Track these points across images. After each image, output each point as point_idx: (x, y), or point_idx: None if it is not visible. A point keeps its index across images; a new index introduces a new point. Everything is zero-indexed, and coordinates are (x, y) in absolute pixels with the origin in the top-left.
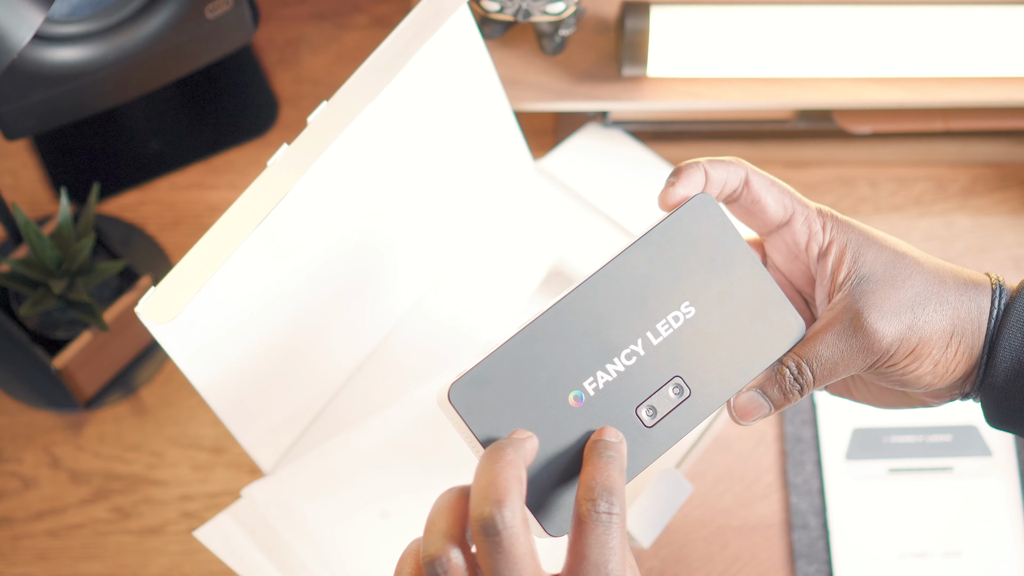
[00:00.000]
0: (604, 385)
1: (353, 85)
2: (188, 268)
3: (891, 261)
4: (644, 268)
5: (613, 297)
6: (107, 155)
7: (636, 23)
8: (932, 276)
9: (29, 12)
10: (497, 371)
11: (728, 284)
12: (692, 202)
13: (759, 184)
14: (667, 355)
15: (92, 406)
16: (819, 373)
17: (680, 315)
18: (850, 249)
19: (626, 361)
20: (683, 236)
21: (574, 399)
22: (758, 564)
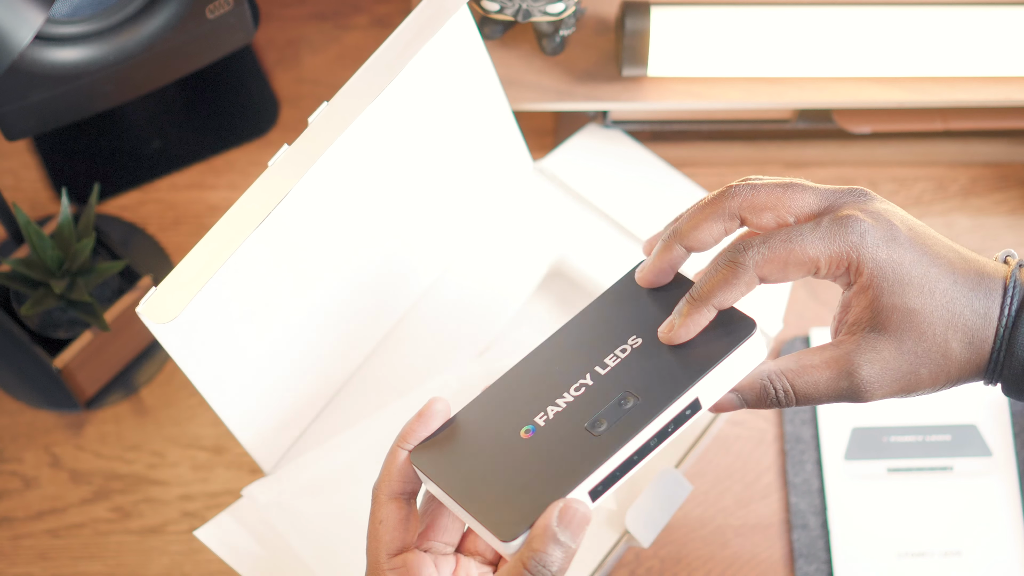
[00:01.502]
0: (554, 415)
1: (354, 85)
2: (189, 268)
3: (905, 315)
4: (591, 322)
5: (562, 351)
6: (107, 155)
7: (636, 23)
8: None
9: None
10: (453, 434)
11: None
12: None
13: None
14: (615, 379)
15: (93, 406)
16: (801, 400)
17: (628, 347)
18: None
19: (575, 392)
20: (628, 296)
21: (525, 432)
22: (758, 564)
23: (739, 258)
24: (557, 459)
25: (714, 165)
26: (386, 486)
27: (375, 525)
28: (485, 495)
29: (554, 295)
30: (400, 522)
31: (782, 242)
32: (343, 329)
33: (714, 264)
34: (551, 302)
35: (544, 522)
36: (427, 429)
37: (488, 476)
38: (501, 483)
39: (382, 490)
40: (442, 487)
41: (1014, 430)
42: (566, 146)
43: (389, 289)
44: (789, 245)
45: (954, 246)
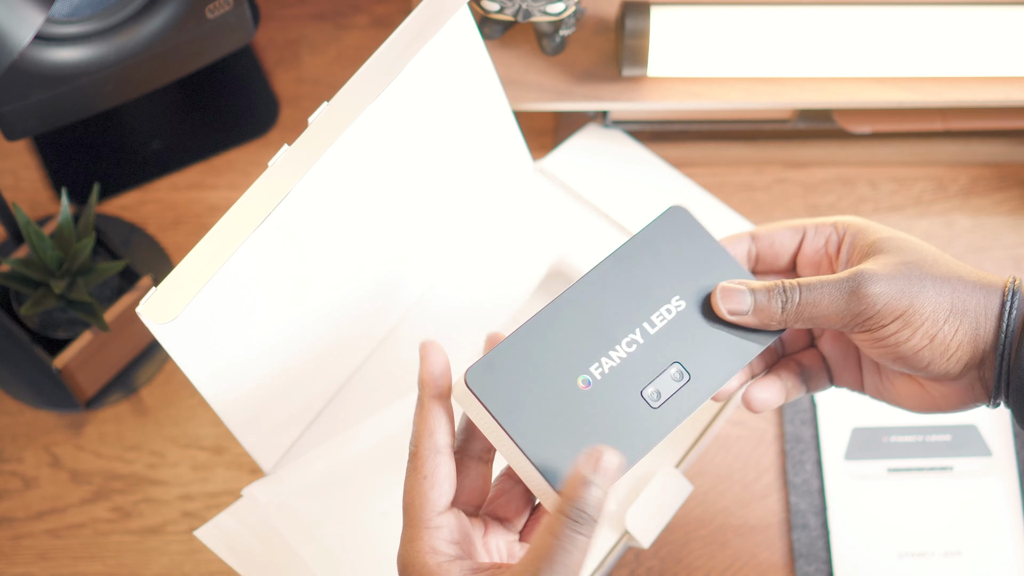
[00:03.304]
0: (609, 370)
1: (354, 85)
2: (189, 268)
3: (903, 242)
4: (633, 268)
5: (608, 293)
6: (107, 155)
7: (636, 23)
8: (941, 262)
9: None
10: (508, 358)
11: (712, 281)
12: (666, 213)
13: (764, 233)
14: (665, 343)
15: (92, 406)
16: (804, 301)
17: (672, 308)
18: (864, 235)
19: (627, 348)
20: (663, 242)
21: (583, 383)
22: (758, 564)
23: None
24: (616, 423)
25: (714, 165)
26: (429, 440)
27: (419, 481)
28: (543, 441)
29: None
30: (446, 477)
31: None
32: (343, 329)
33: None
34: None
35: (577, 471)
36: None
37: (547, 421)
38: (559, 432)
39: (424, 445)
40: (501, 421)
41: (1014, 430)
42: (566, 146)
43: (389, 289)
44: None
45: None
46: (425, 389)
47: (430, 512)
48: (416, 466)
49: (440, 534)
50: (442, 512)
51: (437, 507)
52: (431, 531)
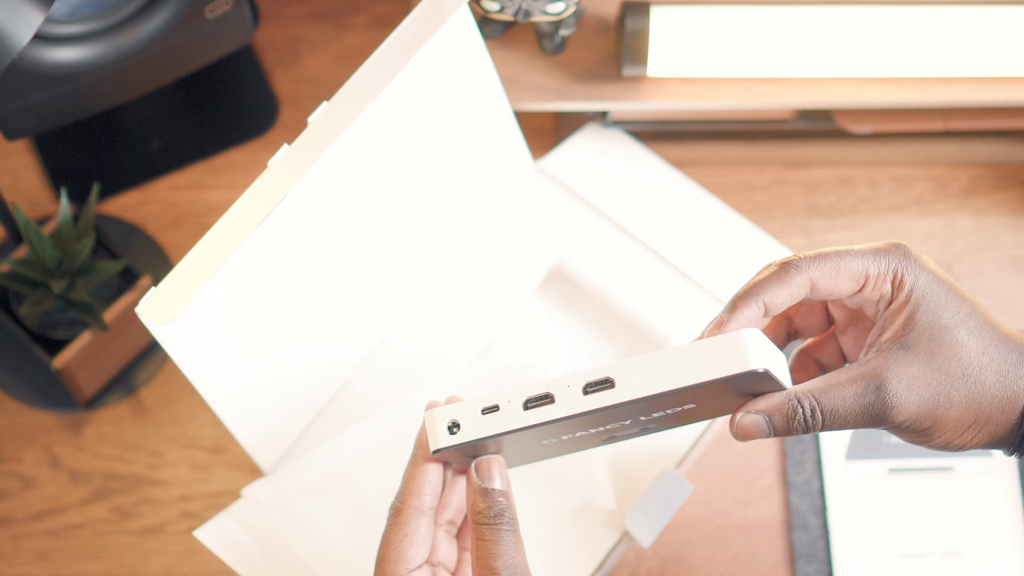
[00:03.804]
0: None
1: (353, 85)
2: (188, 268)
3: (939, 332)
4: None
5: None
6: (107, 155)
7: (636, 23)
8: (973, 363)
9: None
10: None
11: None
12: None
13: (826, 283)
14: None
15: (92, 406)
16: (829, 422)
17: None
18: (903, 315)
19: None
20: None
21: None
22: (758, 564)
23: (792, 260)
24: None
25: (714, 165)
26: (416, 500)
27: (398, 537)
28: None
29: (555, 295)
30: (426, 538)
31: (835, 252)
32: (343, 329)
33: (764, 267)
34: (552, 302)
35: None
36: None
37: None
38: None
39: (411, 504)
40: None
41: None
42: (566, 146)
43: (389, 288)
44: (841, 254)
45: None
46: (420, 449)
47: (403, 569)
48: (399, 522)
49: None
50: (415, 569)
51: (411, 564)
52: None
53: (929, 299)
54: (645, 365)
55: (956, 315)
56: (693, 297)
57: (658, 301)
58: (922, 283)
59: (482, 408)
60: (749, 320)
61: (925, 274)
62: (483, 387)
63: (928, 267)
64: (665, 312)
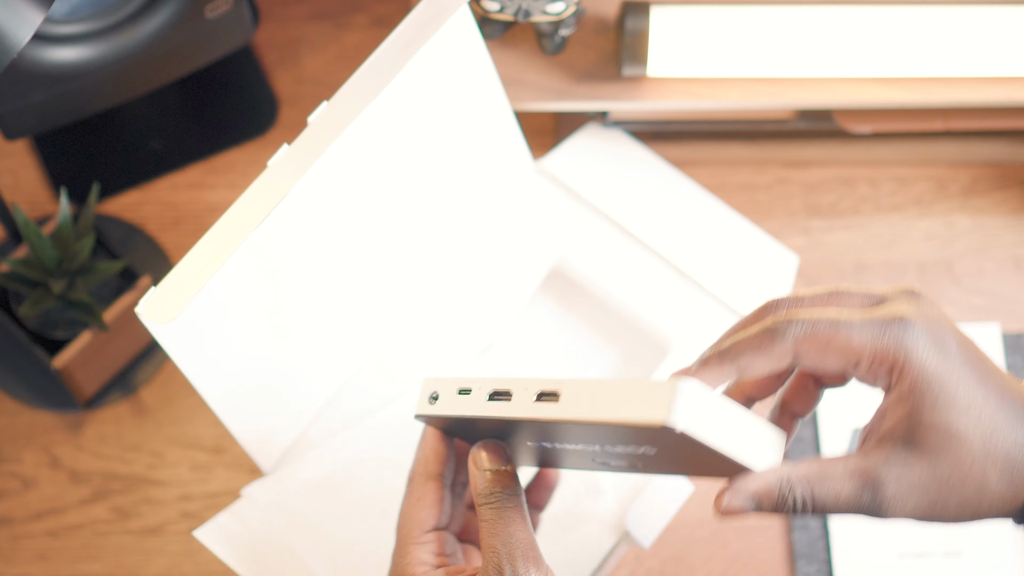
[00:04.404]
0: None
1: (353, 85)
2: (188, 268)
3: (945, 436)
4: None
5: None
6: (107, 155)
7: (636, 23)
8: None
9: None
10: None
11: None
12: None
13: (811, 355)
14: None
15: (92, 406)
16: (818, 510)
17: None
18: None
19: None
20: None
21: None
22: (758, 564)
23: (779, 326)
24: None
25: (714, 165)
26: (423, 467)
27: (411, 503)
28: None
29: (555, 295)
30: (437, 501)
31: (829, 324)
32: (342, 329)
33: (749, 321)
34: (552, 302)
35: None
36: None
37: None
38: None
39: (418, 471)
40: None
41: None
42: (566, 146)
43: (389, 288)
44: (835, 328)
45: (1001, 369)
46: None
47: (418, 530)
48: (410, 488)
49: (426, 548)
50: (428, 531)
51: (425, 526)
52: (418, 546)
53: (935, 394)
54: (588, 389)
55: (965, 412)
56: (693, 297)
57: (658, 301)
58: (928, 372)
59: (458, 388)
60: (716, 379)
61: (931, 358)
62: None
63: (936, 342)
64: (665, 312)
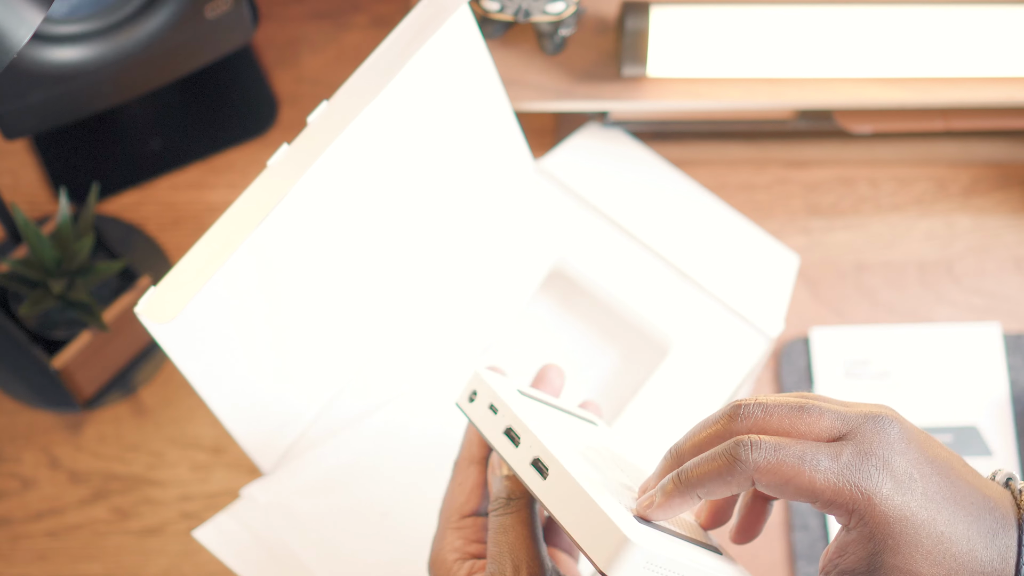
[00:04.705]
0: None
1: (353, 85)
2: (188, 268)
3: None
4: None
5: None
6: (107, 155)
7: (636, 23)
8: None
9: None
10: None
11: None
12: None
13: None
14: None
15: (91, 406)
16: None
17: None
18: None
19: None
20: None
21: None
22: (758, 565)
23: (741, 455)
24: None
25: (714, 165)
26: (467, 451)
27: (453, 488)
28: None
29: (555, 295)
30: (477, 486)
31: (794, 459)
32: (342, 329)
33: (710, 425)
34: (552, 302)
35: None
36: None
37: None
38: None
39: (463, 455)
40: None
41: (1015, 430)
42: (566, 146)
43: (388, 288)
44: (800, 466)
45: (975, 476)
46: None
47: (457, 515)
48: (454, 474)
49: (463, 533)
50: (467, 515)
51: (464, 510)
52: (455, 531)
53: (898, 540)
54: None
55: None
56: (693, 297)
57: (658, 301)
58: (889, 518)
59: (490, 404)
60: (679, 508)
61: (895, 501)
62: None
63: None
64: (665, 312)
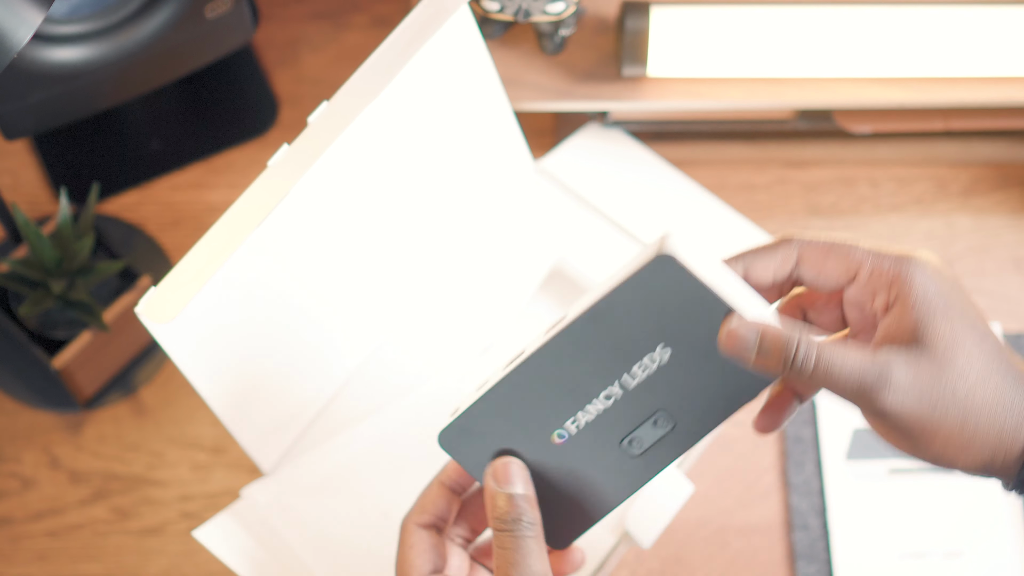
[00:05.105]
0: (586, 424)
1: (353, 85)
2: (188, 268)
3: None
4: (617, 316)
5: (587, 344)
6: (107, 155)
7: (636, 23)
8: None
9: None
10: (482, 416)
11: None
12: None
13: (814, 258)
14: (647, 393)
15: (92, 406)
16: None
17: (656, 356)
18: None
19: (604, 401)
20: (648, 295)
21: (557, 437)
22: (758, 564)
23: (788, 236)
24: (592, 475)
25: (714, 165)
26: (416, 516)
27: (404, 550)
28: None
29: (555, 295)
30: (431, 547)
31: (830, 238)
32: (343, 329)
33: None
34: (552, 302)
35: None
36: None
37: None
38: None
39: (411, 519)
40: (477, 478)
41: None
42: (566, 146)
43: (388, 288)
44: (837, 240)
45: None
46: (440, 472)
47: (416, 574)
48: (402, 536)
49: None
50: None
51: (422, 571)
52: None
53: (941, 307)
54: (589, 293)
55: (971, 327)
56: None
57: None
58: (931, 292)
59: (476, 387)
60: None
61: (935, 284)
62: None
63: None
64: None
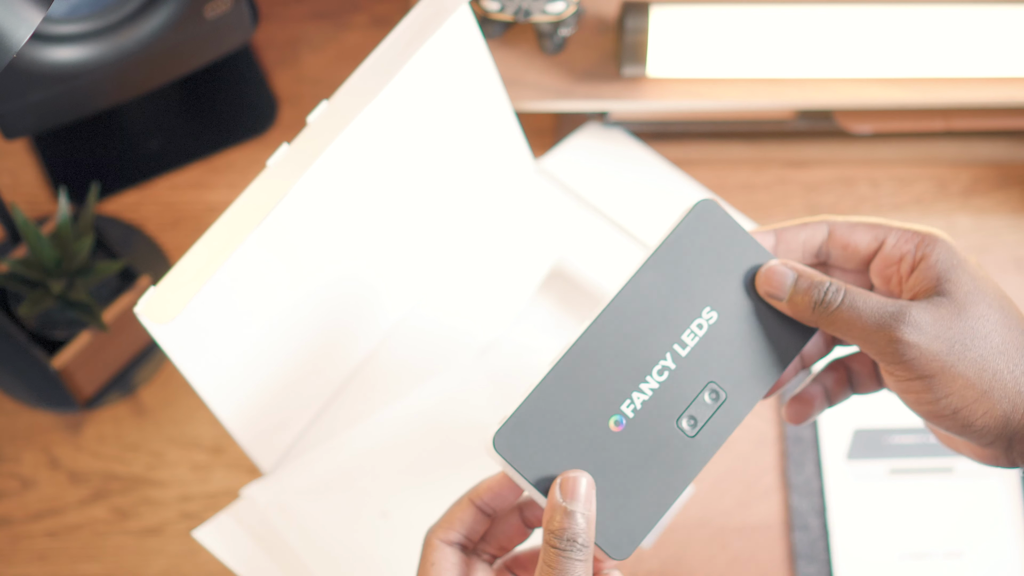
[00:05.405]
0: (642, 405)
1: (353, 85)
2: (187, 268)
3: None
4: (660, 283)
5: (635, 318)
6: (107, 155)
7: (636, 23)
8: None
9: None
10: (535, 412)
11: (745, 282)
12: (695, 210)
13: (842, 231)
14: (698, 363)
15: (91, 406)
16: (843, 309)
17: (703, 322)
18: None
19: (659, 377)
20: (692, 244)
21: (615, 424)
22: (758, 565)
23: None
24: (653, 462)
25: (714, 165)
26: (443, 532)
27: (426, 567)
28: None
29: (555, 295)
30: (454, 566)
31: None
32: (342, 329)
33: None
34: (552, 302)
35: (551, 501)
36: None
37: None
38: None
39: (437, 534)
40: (534, 483)
41: None
42: (566, 146)
43: (389, 288)
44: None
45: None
46: (472, 489)
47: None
48: (425, 552)
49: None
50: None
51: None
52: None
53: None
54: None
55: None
56: None
57: None
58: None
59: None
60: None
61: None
62: (484, 388)
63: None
64: None
